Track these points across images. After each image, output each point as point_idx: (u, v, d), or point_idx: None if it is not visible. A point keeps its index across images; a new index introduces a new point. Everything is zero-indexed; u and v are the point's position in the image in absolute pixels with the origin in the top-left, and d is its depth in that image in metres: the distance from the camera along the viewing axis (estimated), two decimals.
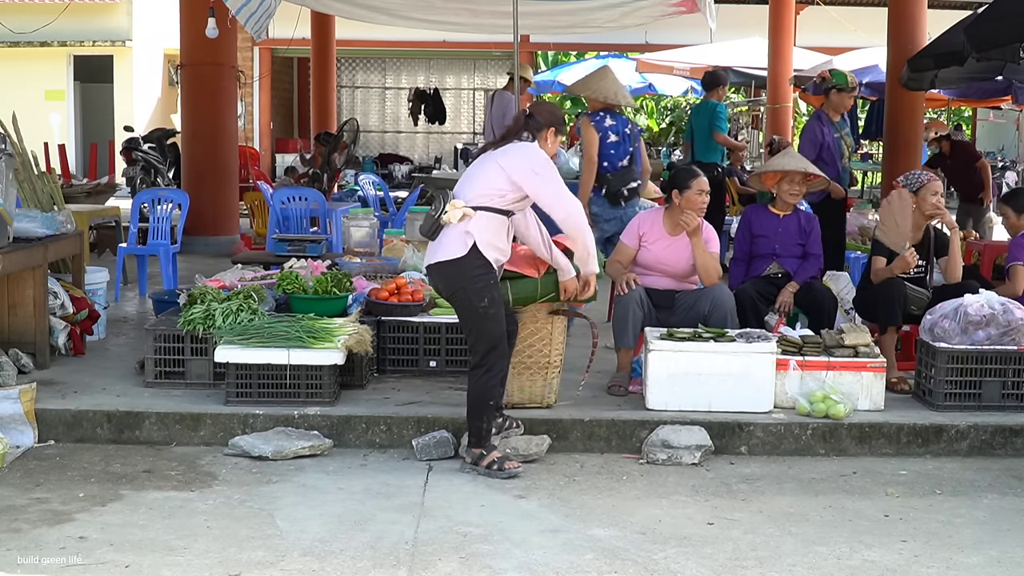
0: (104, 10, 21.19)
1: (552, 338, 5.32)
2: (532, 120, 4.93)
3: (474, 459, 4.82)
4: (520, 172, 4.74)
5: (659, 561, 3.90)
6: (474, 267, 4.69)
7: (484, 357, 4.78)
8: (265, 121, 22.49)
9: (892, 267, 6.01)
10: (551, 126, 4.95)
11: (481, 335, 4.79)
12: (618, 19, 9.93)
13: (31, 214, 6.14)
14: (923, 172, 6.27)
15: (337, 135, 13.11)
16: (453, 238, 4.73)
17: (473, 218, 4.70)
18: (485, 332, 4.77)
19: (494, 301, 4.73)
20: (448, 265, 4.74)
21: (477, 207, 4.71)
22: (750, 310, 6.02)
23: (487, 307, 4.71)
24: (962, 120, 24.58)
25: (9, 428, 5.02)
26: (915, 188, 6.10)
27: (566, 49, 24.25)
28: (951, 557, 4.01)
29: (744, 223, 6.53)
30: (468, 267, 4.70)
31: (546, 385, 5.36)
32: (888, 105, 10.39)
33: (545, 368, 5.32)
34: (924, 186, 6.09)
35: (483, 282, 4.71)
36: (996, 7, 6.89)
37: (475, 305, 4.72)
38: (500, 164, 4.78)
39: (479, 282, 4.70)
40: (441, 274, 4.81)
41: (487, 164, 4.85)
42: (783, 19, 15.19)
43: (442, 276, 4.82)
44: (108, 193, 12.54)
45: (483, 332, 4.78)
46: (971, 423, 5.33)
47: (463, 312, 4.85)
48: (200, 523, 4.17)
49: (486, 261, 4.71)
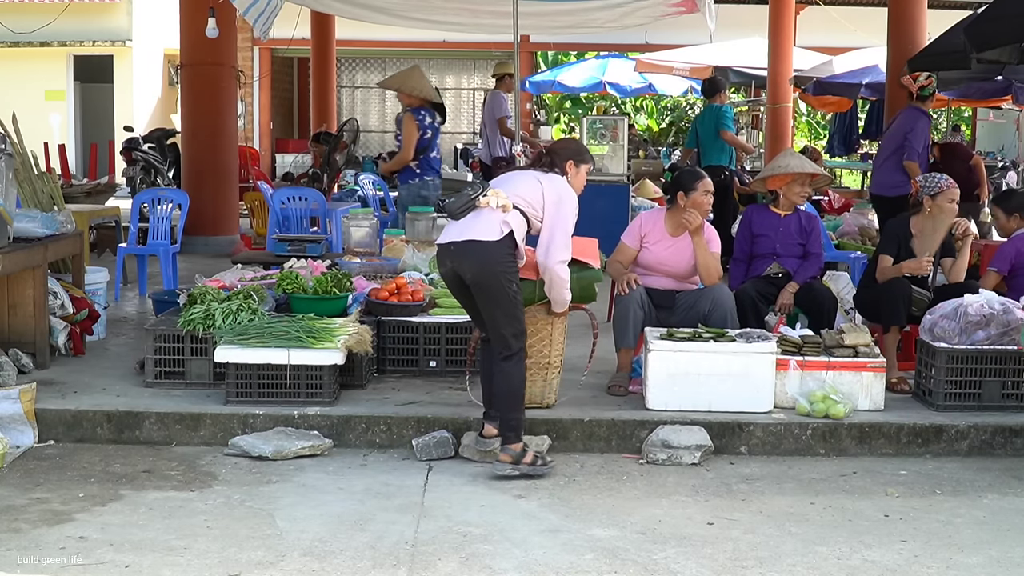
0: (104, 10, 21.19)
1: (552, 339, 5.32)
2: (550, 158, 5.07)
3: (515, 457, 4.76)
4: (551, 196, 4.89)
5: (659, 561, 3.90)
6: (505, 252, 4.78)
7: (515, 344, 4.81)
8: (265, 121, 22.49)
9: (902, 267, 5.99)
10: (568, 159, 5.07)
11: (512, 320, 4.82)
12: (618, 19, 9.94)
13: (31, 214, 6.14)
14: (942, 177, 6.17)
15: (337, 135, 13.11)
16: (490, 222, 4.77)
17: (511, 212, 4.80)
18: (516, 318, 4.83)
19: (519, 287, 4.86)
20: (482, 246, 4.73)
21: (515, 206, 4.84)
22: (750, 310, 6.02)
23: (516, 292, 4.80)
24: (962, 120, 24.55)
25: (9, 428, 5.02)
26: (933, 193, 6.08)
27: (566, 49, 24.24)
28: (951, 557, 4.01)
29: (744, 223, 6.52)
30: (501, 252, 4.76)
31: (546, 385, 5.35)
32: (888, 105, 10.37)
33: (545, 368, 5.32)
34: (942, 192, 6.05)
35: (513, 268, 4.82)
36: (996, 7, 6.89)
37: (507, 289, 4.77)
38: (540, 181, 4.94)
39: (511, 267, 4.80)
40: (474, 253, 4.76)
41: (527, 176, 5.03)
42: (783, 19, 15.19)
43: (475, 255, 4.76)
44: (108, 193, 12.53)
45: (514, 317, 4.82)
46: (971, 423, 5.33)
47: (495, 295, 4.78)
48: (200, 523, 4.17)
49: (515, 252, 4.83)
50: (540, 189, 4.89)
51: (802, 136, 25.62)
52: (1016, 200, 6.57)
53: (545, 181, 4.94)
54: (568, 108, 26.78)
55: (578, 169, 5.09)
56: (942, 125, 22.99)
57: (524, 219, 4.85)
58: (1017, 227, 6.43)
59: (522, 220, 4.85)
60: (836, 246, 9.06)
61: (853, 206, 11.29)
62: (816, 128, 26.33)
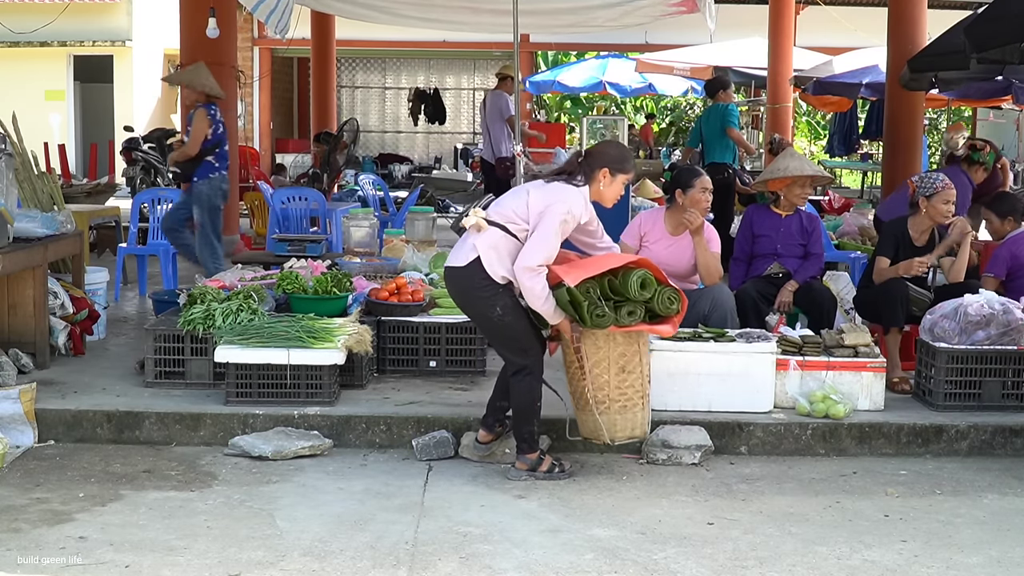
0: (104, 10, 21.19)
1: (608, 366, 4.79)
2: (584, 161, 4.72)
3: (531, 465, 4.75)
4: (536, 206, 4.60)
5: (659, 561, 3.90)
6: (476, 278, 4.63)
7: (518, 361, 4.72)
8: (265, 121, 22.48)
9: (898, 268, 5.99)
10: (604, 166, 4.68)
11: (506, 342, 4.76)
12: (618, 19, 9.92)
13: (31, 214, 6.14)
14: (937, 177, 6.15)
15: (337, 135, 13.11)
16: (463, 247, 4.71)
17: (484, 232, 4.62)
18: (509, 338, 4.73)
19: (508, 308, 4.64)
20: (453, 272, 4.74)
21: (493, 223, 4.64)
22: (751, 310, 6.01)
23: (502, 315, 4.64)
24: (962, 120, 24.56)
25: (9, 428, 5.02)
26: (928, 194, 6.08)
27: (566, 49, 24.24)
28: (951, 557, 4.01)
29: (745, 223, 6.52)
30: (470, 278, 4.64)
31: (621, 419, 5.14)
32: (888, 105, 10.36)
33: (604, 402, 5.16)
34: (938, 193, 6.05)
35: (489, 291, 4.63)
36: (996, 7, 6.87)
37: (487, 315, 4.68)
38: (530, 192, 4.69)
39: (484, 292, 4.63)
40: (450, 280, 4.80)
41: (521, 188, 4.83)
42: (783, 19, 15.17)
43: (450, 282, 4.80)
44: (108, 193, 12.54)
45: (507, 339, 4.74)
46: (971, 423, 5.33)
47: (479, 323, 4.87)
48: (200, 523, 4.17)
49: (488, 276, 4.61)
50: (526, 200, 4.63)
51: (802, 136, 25.63)
52: (1008, 203, 6.56)
53: (535, 191, 4.67)
54: (568, 108, 26.79)
55: (614, 178, 4.70)
56: (942, 125, 22.99)
57: (508, 234, 4.62)
58: (1011, 230, 6.42)
59: (503, 236, 4.61)
60: (836, 246, 9.06)
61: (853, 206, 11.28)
62: (816, 128, 26.33)
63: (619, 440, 4.79)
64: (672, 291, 4.73)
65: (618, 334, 4.67)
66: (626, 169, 4.75)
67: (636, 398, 4.76)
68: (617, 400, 4.73)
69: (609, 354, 4.70)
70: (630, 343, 4.73)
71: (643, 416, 4.81)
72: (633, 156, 4.82)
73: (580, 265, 4.69)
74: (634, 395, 4.75)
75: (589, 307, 4.57)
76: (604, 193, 4.74)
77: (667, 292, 4.71)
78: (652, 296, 4.66)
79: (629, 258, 4.85)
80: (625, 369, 4.72)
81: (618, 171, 4.71)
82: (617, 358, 4.71)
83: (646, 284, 4.65)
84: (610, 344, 4.69)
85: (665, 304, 4.69)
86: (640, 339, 4.77)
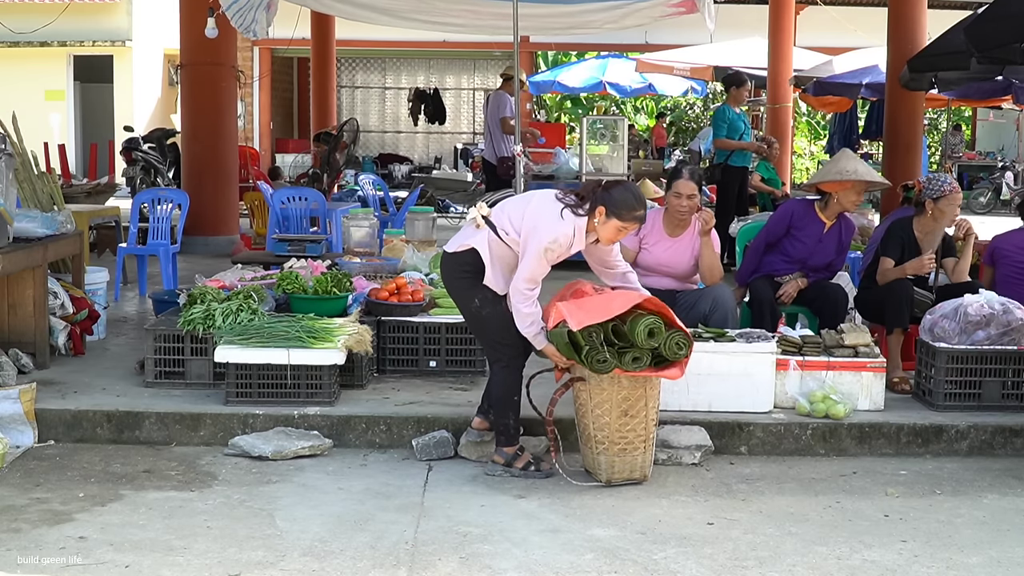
0: (104, 10, 21.20)
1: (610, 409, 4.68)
2: (596, 192, 4.60)
3: (507, 460, 4.77)
4: (529, 222, 4.56)
5: (659, 561, 3.90)
6: (457, 264, 4.71)
7: (494, 354, 4.81)
8: (265, 121, 22.50)
9: (905, 268, 5.97)
10: (602, 205, 4.52)
11: (482, 333, 4.85)
12: (618, 20, 9.92)
13: (31, 214, 6.14)
14: (945, 179, 6.10)
15: (337, 135, 13.11)
16: (461, 234, 4.78)
17: (482, 229, 4.67)
18: (486, 330, 4.80)
19: (487, 301, 4.69)
20: (445, 256, 4.83)
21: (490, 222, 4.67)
22: (768, 310, 5.98)
23: (480, 307, 4.72)
24: (962, 120, 24.56)
25: (9, 428, 5.02)
26: (935, 196, 6.04)
27: (566, 49, 24.26)
28: (951, 557, 4.01)
29: (784, 215, 6.28)
30: (452, 264, 4.75)
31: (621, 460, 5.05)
32: (888, 105, 10.37)
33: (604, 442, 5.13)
34: (945, 196, 6.01)
35: (465, 283, 4.71)
36: (996, 7, 6.87)
37: (467, 304, 4.78)
38: (530, 202, 4.65)
39: (463, 281, 4.72)
40: (441, 264, 4.90)
41: (528, 196, 4.79)
42: (783, 19, 15.19)
43: (441, 266, 4.90)
44: (108, 193, 12.56)
45: (483, 330, 4.82)
46: (971, 423, 5.33)
47: (461, 310, 4.93)
48: (200, 523, 4.17)
49: (473, 266, 4.64)
50: (523, 210, 4.60)
51: (802, 136, 25.62)
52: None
53: (535, 204, 4.61)
54: (568, 108, 26.79)
55: (607, 220, 4.53)
56: (942, 125, 22.99)
57: (497, 239, 4.61)
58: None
59: (494, 240, 4.62)
60: None
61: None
62: (816, 128, 26.32)
63: (616, 482, 4.66)
64: (681, 336, 4.56)
65: (623, 377, 4.56)
66: (622, 216, 4.54)
67: (638, 442, 4.64)
68: (617, 443, 4.62)
69: (612, 396, 4.59)
70: (635, 387, 4.60)
71: (644, 459, 4.70)
72: (644, 210, 4.65)
73: (587, 307, 4.54)
74: (635, 439, 4.63)
75: (590, 352, 4.46)
76: (599, 230, 4.60)
77: (676, 337, 4.54)
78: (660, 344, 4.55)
79: (638, 298, 4.65)
80: (628, 413, 4.60)
81: (613, 215, 4.54)
82: (620, 402, 4.59)
83: (654, 333, 4.52)
84: (614, 387, 4.59)
85: (673, 350, 4.54)
86: (647, 383, 4.62)
